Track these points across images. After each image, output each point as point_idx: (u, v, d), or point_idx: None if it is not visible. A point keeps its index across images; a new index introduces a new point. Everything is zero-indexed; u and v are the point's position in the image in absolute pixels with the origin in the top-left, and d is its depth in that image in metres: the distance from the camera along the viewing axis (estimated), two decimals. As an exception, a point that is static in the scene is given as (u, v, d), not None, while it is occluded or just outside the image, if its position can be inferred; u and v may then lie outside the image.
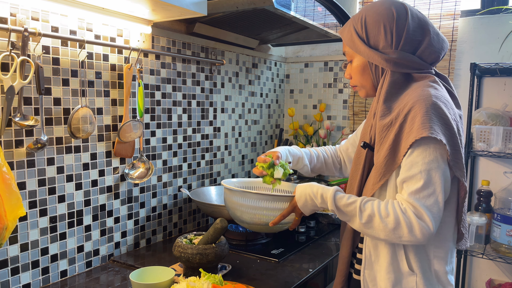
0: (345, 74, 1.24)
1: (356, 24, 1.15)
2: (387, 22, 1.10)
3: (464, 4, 2.10)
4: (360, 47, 1.13)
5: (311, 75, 2.56)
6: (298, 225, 1.51)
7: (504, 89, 2.03)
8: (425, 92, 1.03)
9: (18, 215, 1.08)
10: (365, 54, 1.13)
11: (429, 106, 1.00)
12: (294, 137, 2.58)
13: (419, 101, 1.02)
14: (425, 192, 0.98)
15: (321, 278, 1.54)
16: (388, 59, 1.09)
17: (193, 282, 1.16)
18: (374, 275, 1.12)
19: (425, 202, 0.98)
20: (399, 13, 1.10)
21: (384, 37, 1.10)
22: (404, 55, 1.09)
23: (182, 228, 1.89)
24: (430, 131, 0.97)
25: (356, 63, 1.17)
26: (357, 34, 1.14)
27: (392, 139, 1.04)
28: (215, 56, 1.99)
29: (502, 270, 2.06)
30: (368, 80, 1.17)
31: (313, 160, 1.44)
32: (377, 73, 1.14)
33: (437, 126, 0.99)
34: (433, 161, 0.99)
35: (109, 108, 1.51)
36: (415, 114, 1.01)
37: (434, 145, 0.99)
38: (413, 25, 1.10)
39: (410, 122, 1.02)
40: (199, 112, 1.94)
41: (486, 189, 1.99)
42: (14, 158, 1.23)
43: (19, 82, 1.18)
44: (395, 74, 1.10)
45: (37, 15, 1.26)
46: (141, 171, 1.61)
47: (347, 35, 1.17)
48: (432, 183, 0.99)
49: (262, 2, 1.46)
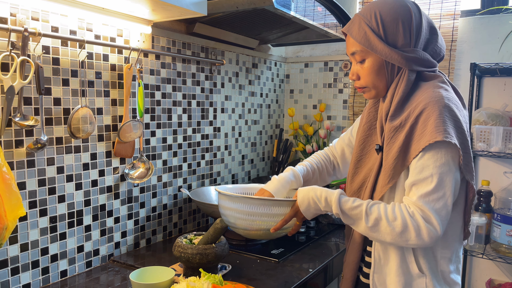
0: (351, 75, 1.16)
1: (370, 21, 1.08)
2: (405, 20, 1.07)
3: (464, 4, 2.10)
4: (377, 45, 1.07)
5: (311, 75, 2.56)
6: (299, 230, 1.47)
7: (504, 89, 2.03)
8: (436, 94, 1.02)
9: (18, 215, 1.08)
10: (383, 53, 1.06)
11: (442, 108, 0.99)
12: (294, 137, 2.58)
13: (431, 102, 1.00)
14: (435, 195, 0.98)
15: (321, 278, 1.54)
16: (408, 58, 1.06)
17: (193, 282, 1.16)
18: (384, 278, 1.11)
19: (434, 206, 0.98)
20: (415, 11, 1.09)
21: (403, 35, 1.07)
22: (421, 53, 1.07)
23: (182, 228, 1.89)
24: (445, 135, 0.96)
25: (371, 63, 1.10)
26: (373, 31, 1.07)
27: (402, 141, 1.03)
28: (215, 56, 1.99)
29: (502, 270, 2.06)
30: (382, 80, 1.11)
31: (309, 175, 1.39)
32: (392, 72, 1.10)
33: (451, 129, 0.97)
34: (445, 165, 0.98)
35: (109, 108, 1.51)
36: (427, 116, 1.00)
37: (445, 148, 0.98)
38: (425, 23, 1.09)
39: (422, 124, 1.00)
40: (199, 112, 1.94)
41: (486, 189, 1.98)
42: (14, 158, 1.23)
43: (19, 82, 1.18)
44: (412, 73, 1.08)
45: (37, 15, 1.26)
46: (141, 171, 1.60)
47: (359, 33, 1.09)
48: (442, 186, 0.98)
49: (262, 2, 1.46)
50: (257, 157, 2.42)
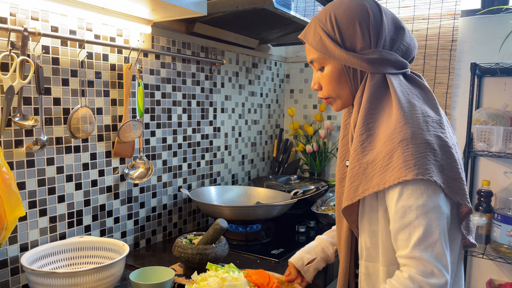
0: (312, 84, 1.09)
1: (325, 25, 1.00)
2: (363, 20, 0.99)
3: (464, 4, 2.10)
4: (334, 51, 0.99)
5: (311, 75, 2.55)
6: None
7: (505, 89, 2.03)
8: (399, 118, 0.92)
9: (17, 215, 1.08)
10: (341, 59, 0.99)
11: (409, 137, 0.89)
12: (294, 137, 2.58)
13: (395, 131, 0.90)
14: (429, 240, 0.86)
15: (321, 278, 1.54)
16: (370, 60, 0.98)
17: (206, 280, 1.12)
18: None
19: (432, 252, 0.86)
20: (373, 9, 1.00)
21: (361, 37, 0.99)
22: (385, 53, 0.99)
23: (182, 228, 1.88)
24: (415, 173, 0.86)
25: (330, 70, 1.03)
26: (328, 36, 1.00)
27: (363, 167, 0.94)
28: (215, 56, 1.99)
29: (502, 270, 2.06)
30: (345, 88, 1.04)
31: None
32: (355, 78, 1.02)
33: (422, 160, 0.87)
34: (428, 202, 0.87)
35: (109, 108, 1.51)
36: (392, 147, 0.90)
37: (423, 183, 0.87)
38: (388, 22, 1.01)
39: (386, 155, 0.90)
40: (199, 112, 1.93)
41: (486, 189, 1.98)
42: (14, 158, 1.23)
43: (18, 82, 1.18)
44: (375, 76, 1.00)
45: (36, 15, 1.26)
46: (141, 171, 1.60)
47: (314, 39, 1.02)
48: (433, 227, 0.87)
49: (262, 2, 1.46)
50: (257, 157, 2.42)
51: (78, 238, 1.34)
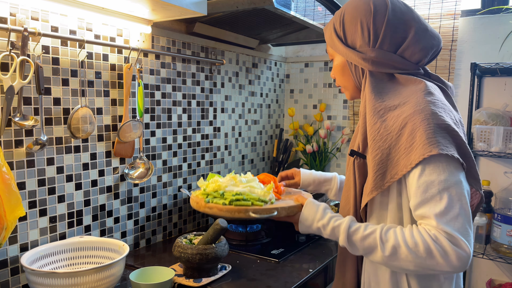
0: (331, 73, 1.19)
1: (336, 21, 1.10)
2: (364, 18, 1.03)
3: (464, 4, 2.10)
4: (338, 46, 1.08)
5: (311, 75, 2.55)
6: None
7: (505, 89, 2.03)
8: (420, 100, 0.94)
9: (17, 215, 1.08)
10: (343, 53, 1.07)
11: (430, 117, 0.91)
12: (294, 137, 2.58)
13: (416, 112, 0.92)
14: (451, 213, 0.87)
15: (321, 278, 1.54)
16: (366, 58, 1.02)
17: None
18: None
19: (454, 226, 0.87)
20: (378, 7, 1.02)
21: (361, 35, 1.03)
22: (383, 53, 1.01)
23: (182, 228, 1.88)
24: (440, 147, 0.88)
25: (336, 63, 1.12)
26: (335, 32, 1.09)
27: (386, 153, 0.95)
28: (215, 56, 1.99)
29: (502, 270, 2.06)
30: (349, 80, 1.11)
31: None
32: (357, 73, 1.08)
33: (443, 139, 0.90)
34: (450, 177, 0.89)
35: (109, 108, 1.51)
36: (413, 127, 0.91)
37: (445, 160, 0.90)
38: (394, 20, 1.01)
39: (408, 136, 0.92)
40: (199, 112, 1.93)
41: (487, 189, 1.98)
42: (14, 158, 1.23)
43: (18, 82, 1.18)
44: (375, 74, 1.03)
45: (36, 14, 1.26)
46: (141, 171, 1.60)
47: (327, 34, 1.13)
48: (455, 201, 0.88)
49: (262, 2, 1.46)
50: (257, 157, 2.42)
51: (78, 238, 1.34)
